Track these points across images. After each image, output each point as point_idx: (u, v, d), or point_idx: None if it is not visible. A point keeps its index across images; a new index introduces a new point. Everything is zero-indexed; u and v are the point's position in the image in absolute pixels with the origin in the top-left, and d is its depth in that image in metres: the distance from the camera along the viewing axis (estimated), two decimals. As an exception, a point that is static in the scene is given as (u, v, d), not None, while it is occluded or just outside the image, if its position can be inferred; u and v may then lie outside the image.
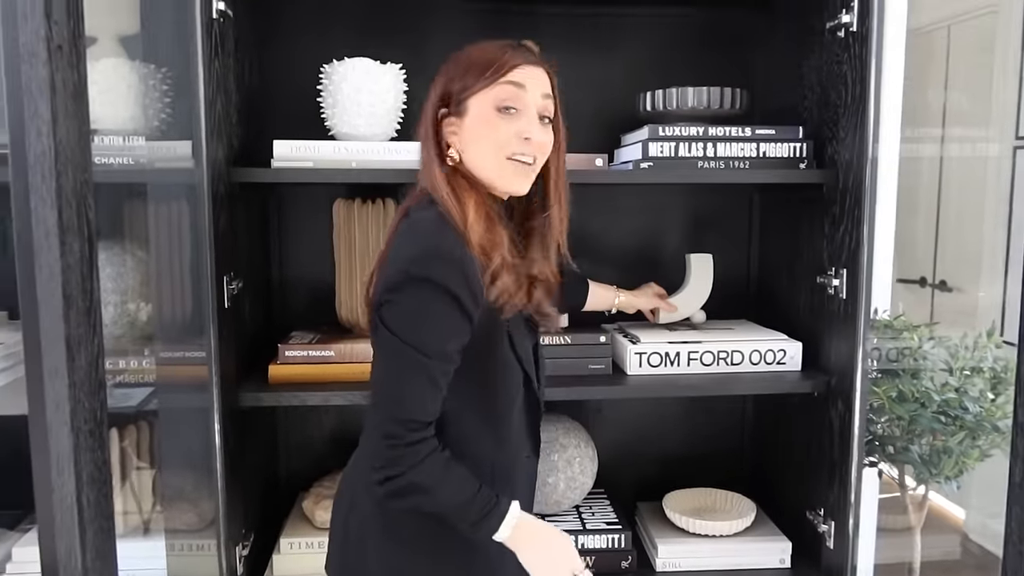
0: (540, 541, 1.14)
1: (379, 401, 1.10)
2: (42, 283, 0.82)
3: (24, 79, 0.80)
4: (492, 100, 1.11)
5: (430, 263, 1.05)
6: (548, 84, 1.15)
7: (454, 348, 1.08)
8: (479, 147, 1.13)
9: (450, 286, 1.04)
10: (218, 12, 1.35)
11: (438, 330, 1.07)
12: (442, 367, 1.08)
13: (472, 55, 1.14)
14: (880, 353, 1.70)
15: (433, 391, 1.08)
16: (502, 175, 1.13)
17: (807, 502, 1.63)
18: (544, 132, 1.14)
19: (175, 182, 1.46)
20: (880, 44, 1.38)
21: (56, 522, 0.85)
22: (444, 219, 1.10)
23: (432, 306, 1.05)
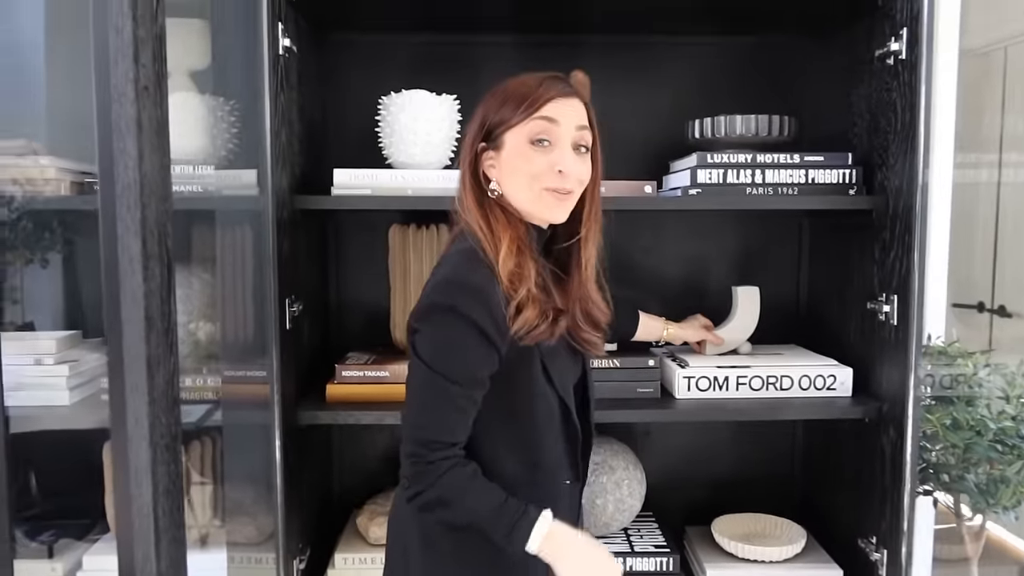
0: (576, 552, 1.14)
1: (406, 422, 1.14)
2: (126, 306, 0.88)
3: (114, 117, 0.87)
4: (526, 134, 1.14)
5: (455, 294, 1.10)
6: (584, 115, 1.18)
7: (480, 374, 1.12)
8: (515, 179, 1.16)
9: (474, 317, 1.08)
10: (284, 49, 1.43)
11: (462, 358, 1.10)
12: (467, 392, 1.11)
13: (508, 90, 1.17)
14: (934, 380, 1.68)
15: (457, 415, 1.12)
16: (538, 206, 1.16)
17: (859, 529, 1.61)
18: (579, 162, 1.17)
19: (240, 208, 1.54)
20: (930, 71, 1.38)
21: (134, 530, 0.90)
22: (475, 252, 1.13)
23: (456, 335, 1.09)
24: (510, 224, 1.16)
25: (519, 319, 1.10)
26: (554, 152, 1.14)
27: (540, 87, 1.15)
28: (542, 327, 1.12)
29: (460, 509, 1.12)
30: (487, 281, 1.10)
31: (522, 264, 1.12)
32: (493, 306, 1.08)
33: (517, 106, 1.14)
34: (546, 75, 1.17)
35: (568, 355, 1.23)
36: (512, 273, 1.11)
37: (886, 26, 1.48)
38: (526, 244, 1.16)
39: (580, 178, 1.17)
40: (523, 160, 1.14)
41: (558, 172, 1.14)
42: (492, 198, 1.18)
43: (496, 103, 1.17)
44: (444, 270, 1.15)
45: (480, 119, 1.18)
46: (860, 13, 1.57)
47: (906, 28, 1.41)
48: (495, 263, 1.11)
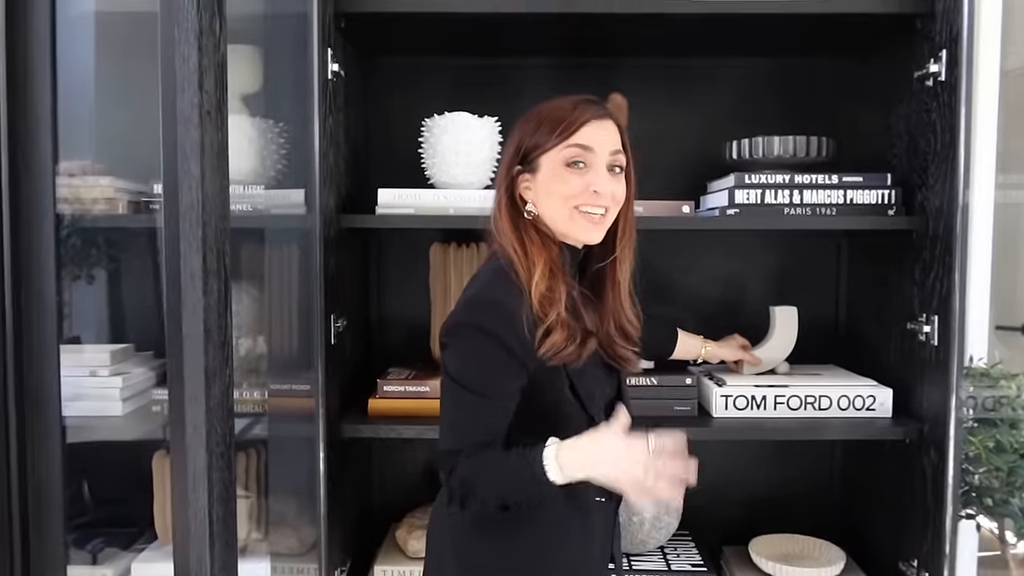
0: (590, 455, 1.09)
1: (440, 433, 1.17)
2: (187, 319, 0.93)
3: (179, 140, 0.92)
4: (562, 159, 1.17)
5: (482, 312, 1.13)
6: (617, 138, 1.20)
7: (507, 388, 1.13)
8: (551, 201, 1.18)
9: (499, 334, 1.10)
10: (332, 73, 1.48)
11: (488, 373, 1.13)
12: (493, 404, 1.13)
13: (542, 113, 1.19)
14: (976, 401, 1.66)
15: (485, 427, 1.13)
16: (573, 226, 1.19)
17: (900, 552, 1.60)
18: (614, 183, 1.19)
19: (288, 227, 1.59)
20: (970, 92, 1.39)
21: (190, 534, 0.95)
22: (504, 272, 1.16)
23: (482, 352, 1.12)
24: (544, 246, 1.18)
25: (547, 342, 1.12)
26: (589, 173, 1.17)
27: (574, 111, 1.17)
28: (570, 349, 1.14)
29: (484, 484, 1.11)
30: (514, 299, 1.12)
31: (554, 287, 1.15)
32: (518, 323, 1.11)
33: (552, 130, 1.16)
34: (580, 98, 1.19)
35: (601, 373, 1.24)
36: (543, 296, 1.13)
37: (925, 48, 1.49)
38: (559, 267, 1.18)
39: (615, 198, 1.19)
40: (559, 182, 1.17)
41: (593, 192, 1.16)
42: (528, 219, 1.20)
43: (532, 127, 1.19)
44: (473, 288, 1.18)
45: (516, 143, 1.21)
46: (899, 35, 1.58)
47: (945, 50, 1.42)
48: (526, 284, 1.13)
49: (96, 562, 1.67)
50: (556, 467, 1.07)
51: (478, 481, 1.12)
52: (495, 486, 1.12)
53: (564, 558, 1.20)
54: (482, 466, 1.12)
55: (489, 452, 1.13)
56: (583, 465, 1.08)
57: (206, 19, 0.92)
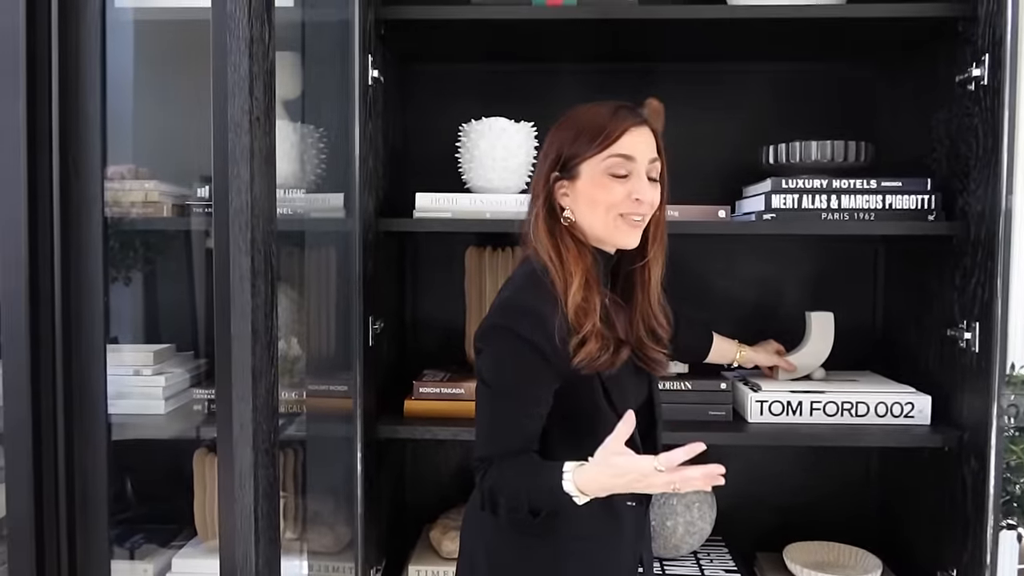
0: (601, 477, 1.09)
1: (476, 438, 1.19)
2: (236, 320, 0.95)
3: (230, 145, 0.94)
4: (604, 168, 1.17)
5: (515, 316, 1.14)
6: (654, 145, 1.21)
7: (540, 392, 1.15)
8: (593, 208, 1.19)
9: (533, 338, 1.12)
10: (372, 79, 1.51)
11: (521, 376, 1.14)
12: (527, 409, 1.15)
13: (581, 120, 1.20)
14: (1017, 410, 1.64)
15: (518, 431, 1.15)
16: (613, 233, 1.19)
17: (938, 561, 1.58)
18: (653, 191, 1.20)
19: (327, 230, 1.61)
20: (1014, 96, 1.37)
21: (236, 530, 0.97)
22: (537, 276, 1.17)
23: (515, 355, 1.14)
24: (580, 255, 1.19)
25: (582, 351, 1.13)
26: (631, 182, 1.17)
27: (614, 118, 1.17)
28: (604, 358, 1.15)
29: (512, 494, 1.13)
30: (547, 305, 1.14)
31: (589, 298, 1.16)
32: (551, 329, 1.12)
33: (593, 138, 1.17)
34: (617, 104, 1.20)
35: (633, 377, 1.24)
36: (579, 307, 1.14)
37: (967, 52, 1.47)
38: (594, 276, 1.19)
39: (653, 204, 1.20)
40: (602, 191, 1.17)
41: (636, 200, 1.17)
42: (564, 226, 1.21)
43: (571, 135, 1.19)
44: (506, 292, 1.19)
45: (556, 150, 1.21)
46: (940, 38, 1.57)
47: (988, 54, 1.40)
48: (562, 294, 1.14)
49: (134, 558, 1.70)
50: (576, 491, 1.09)
51: (506, 490, 1.13)
52: (523, 496, 1.13)
53: (594, 561, 1.21)
54: (511, 476, 1.13)
55: (519, 462, 1.14)
56: (601, 486, 1.09)
57: (256, 28, 0.95)
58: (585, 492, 1.09)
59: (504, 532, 1.23)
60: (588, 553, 1.21)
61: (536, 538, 1.20)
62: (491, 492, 1.14)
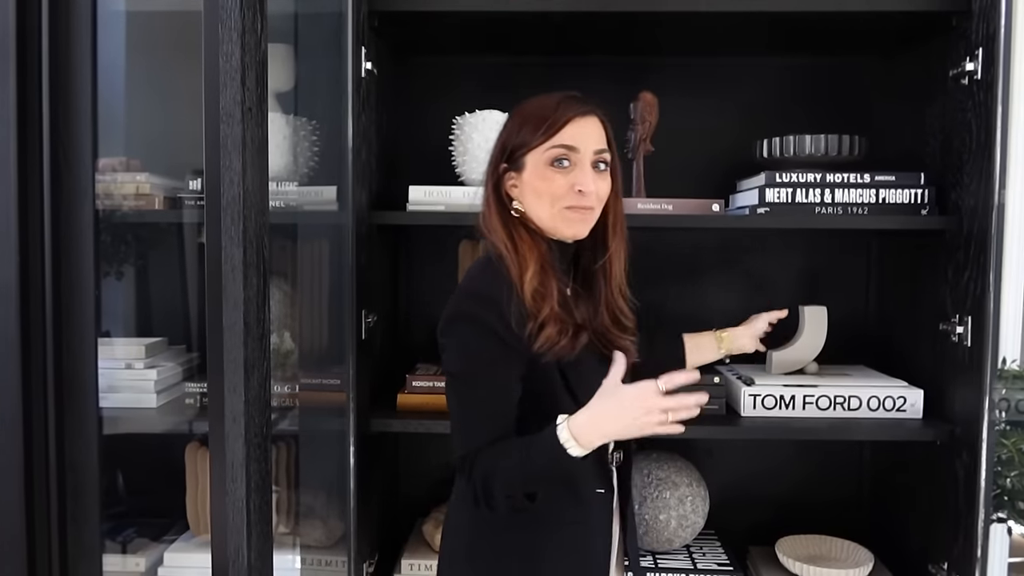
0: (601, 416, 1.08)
1: (452, 437, 1.19)
2: (227, 312, 0.95)
3: (222, 136, 0.93)
4: (547, 159, 1.17)
5: (469, 303, 1.15)
6: (602, 135, 1.20)
7: (507, 375, 1.14)
8: (538, 200, 1.19)
9: (487, 321, 1.12)
10: (365, 72, 1.50)
11: (484, 361, 1.14)
12: (496, 396, 1.14)
13: (527, 111, 1.21)
14: (1009, 404, 1.65)
15: (489, 421, 1.14)
16: (559, 224, 1.20)
17: (929, 555, 1.59)
18: (599, 180, 1.19)
19: (320, 223, 1.61)
20: (1007, 91, 1.38)
21: (228, 523, 0.96)
22: (491, 262, 1.18)
23: (475, 340, 1.14)
24: (535, 243, 1.19)
25: (541, 336, 1.13)
26: (573, 172, 1.17)
27: (557, 109, 1.18)
28: (563, 342, 1.14)
29: (505, 479, 1.11)
30: (499, 288, 1.14)
31: (545, 283, 1.16)
32: (504, 310, 1.12)
33: (536, 129, 1.17)
34: (563, 95, 1.20)
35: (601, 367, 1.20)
36: (535, 292, 1.14)
37: (961, 46, 1.48)
38: (550, 263, 1.19)
39: (600, 195, 1.20)
40: (544, 182, 1.18)
41: (578, 191, 1.17)
42: (516, 216, 1.21)
43: (516, 126, 1.20)
44: (463, 283, 1.21)
45: (502, 141, 1.22)
46: (934, 32, 1.57)
47: (982, 48, 1.41)
48: (518, 281, 1.14)
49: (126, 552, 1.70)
50: (573, 441, 1.07)
51: (498, 477, 1.12)
52: (517, 478, 1.11)
53: (564, 551, 1.20)
54: (499, 461, 1.12)
55: (502, 445, 1.13)
56: (598, 428, 1.08)
57: (248, 18, 0.94)
58: (581, 440, 1.07)
59: (480, 525, 1.22)
60: (561, 543, 1.20)
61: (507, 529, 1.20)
62: (484, 482, 1.13)
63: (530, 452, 1.11)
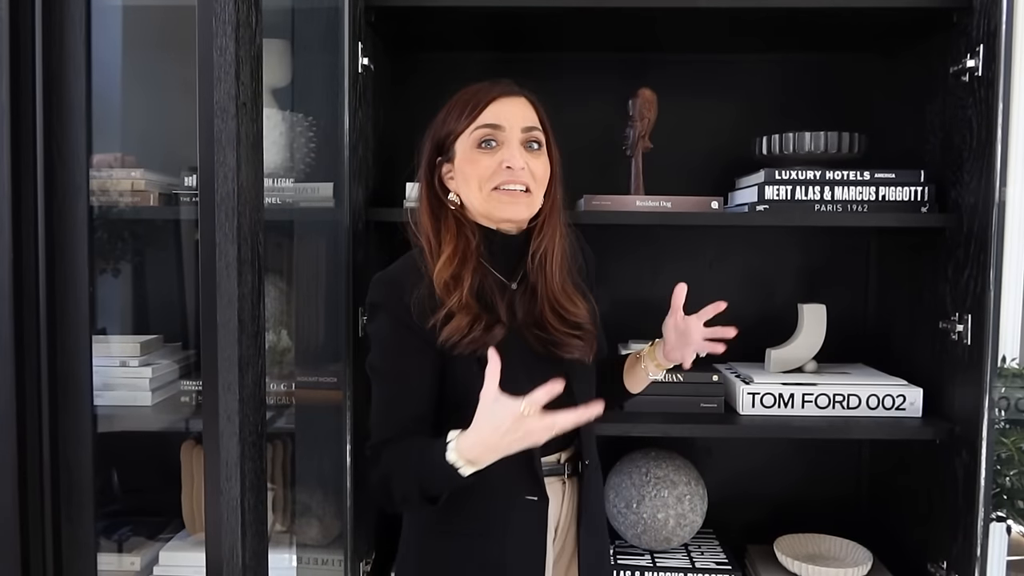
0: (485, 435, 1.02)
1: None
2: (222, 309, 0.94)
3: (216, 131, 0.92)
4: (472, 141, 1.17)
5: (377, 289, 1.18)
6: (531, 113, 1.19)
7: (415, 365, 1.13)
8: (468, 184, 1.18)
9: (393, 309, 1.13)
10: (362, 67, 1.49)
11: (393, 351, 1.14)
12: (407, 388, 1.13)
13: (452, 100, 1.21)
14: (1009, 402, 1.64)
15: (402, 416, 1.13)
16: (492, 208, 1.17)
17: (928, 554, 1.58)
18: (531, 159, 1.17)
19: (317, 220, 1.60)
20: (1008, 88, 1.37)
21: (223, 523, 0.95)
22: (412, 258, 1.19)
23: (384, 330, 1.15)
24: (459, 234, 1.18)
25: (448, 327, 1.10)
26: (500, 151, 1.16)
27: (479, 91, 1.18)
28: (474, 335, 1.10)
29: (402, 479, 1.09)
30: (408, 275, 1.14)
31: (460, 274, 1.14)
32: (407, 297, 1.12)
33: (460, 114, 1.17)
34: (489, 81, 1.20)
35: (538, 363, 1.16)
36: (446, 282, 1.13)
37: (962, 43, 1.47)
38: (472, 253, 1.16)
39: (533, 173, 1.17)
40: (471, 164, 1.17)
41: (507, 168, 1.15)
42: (452, 209, 1.20)
43: (442, 116, 1.21)
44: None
45: (432, 135, 1.22)
46: (934, 29, 1.56)
47: (983, 45, 1.40)
48: (431, 269, 1.14)
49: (121, 550, 1.69)
50: (461, 460, 1.04)
51: (396, 476, 1.10)
52: (412, 480, 1.09)
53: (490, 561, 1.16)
54: (399, 460, 1.10)
55: (407, 443, 1.10)
56: (488, 447, 1.03)
57: (243, 11, 0.93)
58: (473, 460, 1.03)
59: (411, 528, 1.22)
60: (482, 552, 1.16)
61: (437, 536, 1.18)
62: (382, 480, 1.10)
63: (424, 464, 1.07)
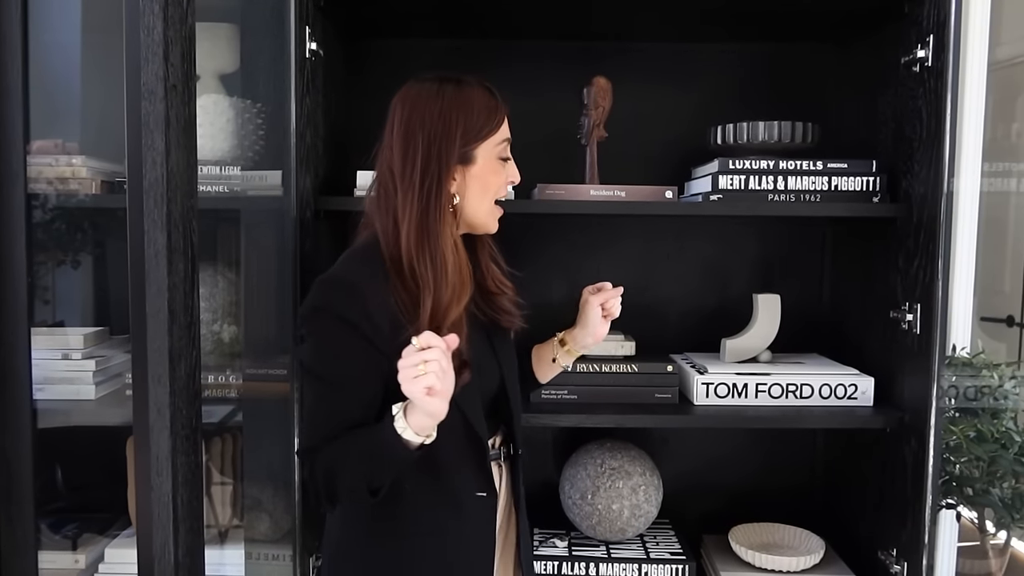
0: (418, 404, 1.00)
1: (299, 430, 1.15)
2: (151, 299, 0.90)
3: (143, 114, 0.89)
4: (496, 151, 1.16)
5: (329, 293, 1.09)
6: None
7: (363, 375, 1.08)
8: (484, 194, 1.16)
9: (346, 315, 1.06)
10: (310, 52, 1.45)
11: (339, 362, 1.08)
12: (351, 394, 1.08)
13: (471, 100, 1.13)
14: (957, 391, 1.66)
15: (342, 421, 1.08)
16: (489, 220, 1.19)
17: (879, 541, 1.60)
18: None
19: (265, 208, 1.56)
20: (956, 79, 1.37)
21: (154, 518, 0.92)
22: (367, 250, 1.12)
23: (329, 334, 1.08)
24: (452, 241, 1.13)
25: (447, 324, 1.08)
26: (510, 167, 1.19)
27: (495, 98, 1.16)
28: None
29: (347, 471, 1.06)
30: (368, 279, 1.08)
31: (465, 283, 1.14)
32: (371, 305, 1.06)
33: (488, 120, 1.14)
34: (483, 81, 1.17)
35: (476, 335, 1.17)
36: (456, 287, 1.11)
37: (912, 33, 1.47)
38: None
39: None
40: (495, 176, 1.16)
41: (508, 183, 1.19)
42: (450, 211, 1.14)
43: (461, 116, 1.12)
44: (328, 271, 1.13)
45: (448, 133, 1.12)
46: (886, 20, 1.57)
47: (932, 35, 1.40)
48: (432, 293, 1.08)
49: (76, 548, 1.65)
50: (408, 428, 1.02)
51: (341, 470, 1.06)
52: (358, 469, 1.05)
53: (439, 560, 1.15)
54: (340, 453, 1.06)
55: (344, 439, 1.07)
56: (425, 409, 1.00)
57: (172, -11, 0.89)
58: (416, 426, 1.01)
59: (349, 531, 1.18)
60: (432, 551, 1.15)
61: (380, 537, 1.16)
62: (326, 477, 1.07)
63: (368, 444, 1.05)
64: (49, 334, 1.57)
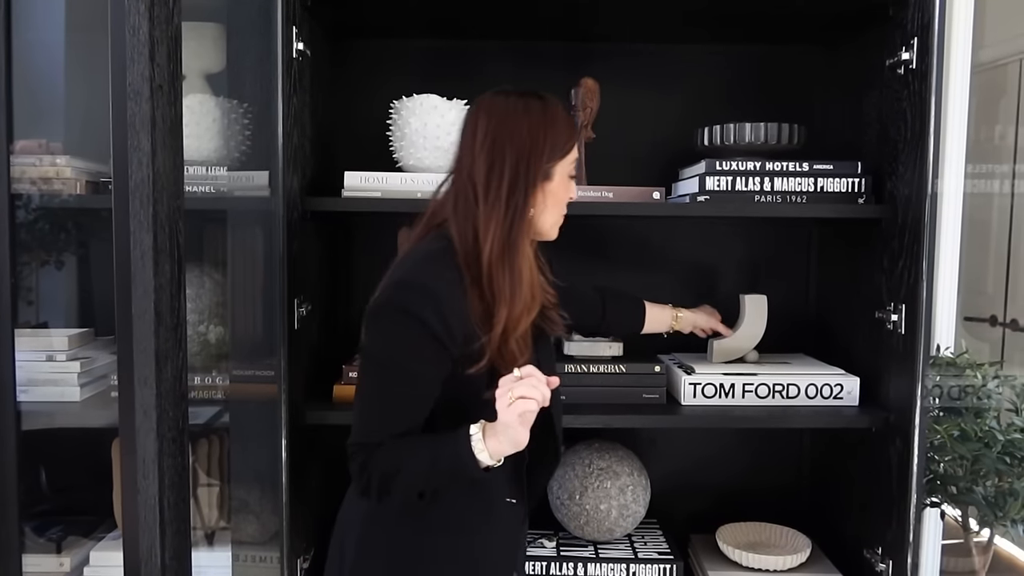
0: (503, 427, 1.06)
1: (354, 422, 1.14)
2: (137, 300, 0.90)
3: (129, 115, 0.88)
4: (568, 169, 1.20)
5: (409, 296, 1.09)
6: None
7: (431, 377, 1.10)
8: (557, 209, 1.20)
9: (424, 317, 1.07)
10: (297, 52, 1.45)
11: (412, 359, 1.09)
12: (416, 393, 1.10)
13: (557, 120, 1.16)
14: (942, 390, 1.68)
15: (401, 416, 1.11)
16: (554, 228, 1.23)
17: (865, 540, 1.61)
18: None
19: (252, 209, 1.55)
20: (940, 81, 1.39)
21: (140, 521, 0.92)
22: (443, 254, 1.12)
23: (405, 334, 1.09)
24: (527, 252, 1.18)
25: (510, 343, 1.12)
26: (572, 182, 1.22)
27: (572, 123, 1.21)
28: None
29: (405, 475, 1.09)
30: (448, 285, 1.10)
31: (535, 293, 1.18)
32: (448, 310, 1.08)
33: (568, 139, 1.18)
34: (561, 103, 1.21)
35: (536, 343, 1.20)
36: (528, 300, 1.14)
37: (897, 36, 1.48)
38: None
39: None
40: (566, 192, 1.21)
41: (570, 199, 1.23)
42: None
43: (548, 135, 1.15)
44: (403, 270, 1.13)
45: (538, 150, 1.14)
46: (871, 22, 1.58)
47: (917, 38, 1.41)
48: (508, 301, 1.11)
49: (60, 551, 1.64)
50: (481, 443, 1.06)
51: (402, 470, 1.08)
52: (421, 473, 1.08)
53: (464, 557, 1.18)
54: (403, 458, 1.08)
55: (407, 442, 1.09)
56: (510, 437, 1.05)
57: (157, -11, 0.89)
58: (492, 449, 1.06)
59: (375, 525, 1.19)
60: (459, 550, 1.17)
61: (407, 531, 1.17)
62: (382, 477, 1.09)
63: (438, 455, 1.08)
64: (33, 335, 1.56)
